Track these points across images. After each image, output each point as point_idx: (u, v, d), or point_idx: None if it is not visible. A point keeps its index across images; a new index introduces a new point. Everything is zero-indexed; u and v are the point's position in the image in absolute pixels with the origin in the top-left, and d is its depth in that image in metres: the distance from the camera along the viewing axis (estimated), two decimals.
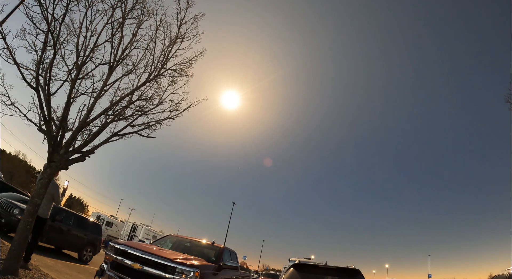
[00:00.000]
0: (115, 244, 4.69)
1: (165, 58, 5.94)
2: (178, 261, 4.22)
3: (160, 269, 4.15)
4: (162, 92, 6.15)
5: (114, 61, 5.49)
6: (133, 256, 4.39)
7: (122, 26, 5.42)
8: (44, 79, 4.74)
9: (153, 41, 5.86)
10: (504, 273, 6.31)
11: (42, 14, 4.43)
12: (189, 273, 4.08)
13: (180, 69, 6.21)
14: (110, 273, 4.41)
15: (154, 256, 4.29)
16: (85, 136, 5.34)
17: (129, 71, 5.77)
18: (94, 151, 5.40)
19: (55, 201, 5.97)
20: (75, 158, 5.17)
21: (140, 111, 5.91)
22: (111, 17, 5.26)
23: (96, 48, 5.23)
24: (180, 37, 6.04)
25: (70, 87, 4.99)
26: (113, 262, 4.53)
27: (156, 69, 5.89)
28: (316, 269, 4.37)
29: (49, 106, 4.79)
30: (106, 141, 5.52)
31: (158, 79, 6.00)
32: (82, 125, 5.15)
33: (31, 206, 4.62)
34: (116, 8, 5.28)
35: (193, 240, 6.53)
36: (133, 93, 5.76)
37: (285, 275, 4.18)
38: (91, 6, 5.04)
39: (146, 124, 5.98)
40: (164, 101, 6.15)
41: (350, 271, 4.15)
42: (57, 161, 4.86)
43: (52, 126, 4.87)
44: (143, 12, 5.65)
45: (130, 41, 5.65)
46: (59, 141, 4.97)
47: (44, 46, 4.63)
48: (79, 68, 5.05)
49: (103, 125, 5.45)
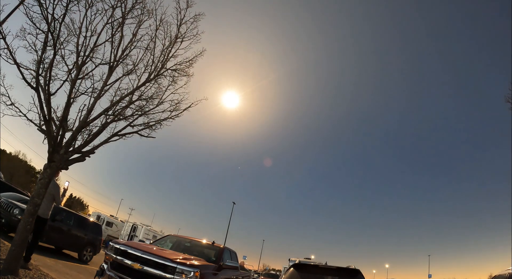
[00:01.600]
0: (115, 244, 4.69)
1: (165, 58, 5.94)
2: (178, 261, 4.22)
3: (160, 269, 4.15)
4: (162, 92, 6.16)
5: (114, 61, 5.49)
6: (133, 256, 4.39)
7: (122, 26, 5.42)
8: (44, 79, 4.73)
9: (153, 41, 5.86)
10: (504, 273, 6.31)
11: (42, 14, 4.43)
12: (189, 273, 4.08)
13: (180, 69, 6.22)
14: (110, 273, 4.41)
15: (154, 256, 4.29)
16: (85, 136, 5.34)
17: (129, 71, 5.77)
18: (94, 151, 5.40)
19: (56, 202, 5.98)
20: (75, 158, 5.17)
21: (140, 111, 5.91)
22: (111, 17, 5.25)
23: (96, 48, 5.22)
24: (180, 37, 6.04)
25: (70, 87, 4.99)
26: (113, 262, 4.54)
27: (156, 69, 5.88)
28: (316, 269, 4.37)
29: (49, 106, 4.79)
30: (106, 141, 5.52)
31: (158, 79, 6.01)
32: (82, 125, 5.15)
33: (31, 206, 4.62)
34: (116, 8, 5.28)
35: (193, 240, 6.53)
36: (133, 93, 5.76)
37: (285, 275, 4.18)
38: (91, 6, 5.04)
39: (146, 124, 5.98)
40: (164, 101, 6.15)
41: (350, 271, 4.15)
42: (57, 161, 4.86)
43: (52, 126, 4.87)
44: (143, 12, 5.65)
45: (130, 41, 5.65)
46: (59, 141, 4.97)
47: (44, 46, 4.63)
48: (79, 68, 5.05)
49: (103, 125, 5.45)
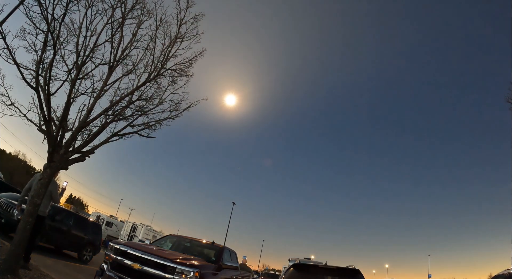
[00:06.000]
0: (115, 244, 4.69)
1: (165, 58, 5.93)
2: (178, 261, 4.22)
3: (160, 269, 4.15)
4: (162, 92, 6.16)
5: (114, 61, 5.49)
6: (133, 256, 4.39)
7: (122, 26, 5.42)
8: (44, 79, 4.73)
9: (153, 41, 5.86)
10: (504, 273, 6.32)
11: (42, 14, 4.42)
12: (189, 273, 4.09)
13: (180, 69, 6.21)
14: (110, 273, 4.41)
15: (154, 256, 4.29)
16: (85, 136, 5.34)
17: (129, 71, 5.77)
18: (94, 151, 5.40)
19: (53, 199, 5.91)
20: (75, 158, 5.18)
21: (140, 111, 5.91)
22: (111, 17, 5.25)
23: (96, 48, 5.22)
24: (180, 37, 6.03)
25: (70, 87, 4.99)
26: (113, 262, 4.54)
27: (156, 69, 5.88)
28: (316, 269, 4.36)
29: (49, 106, 4.79)
30: (106, 141, 5.52)
31: (158, 79, 6.00)
32: (82, 125, 5.15)
33: (31, 206, 4.62)
34: (116, 8, 5.28)
35: (193, 240, 6.53)
36: (133, 93, 5.76)
37: (285, 275, 4.18)
38: (91, 6, 5.04)
39: (146, 124, 5.98)
40: (164, 101, 6.16)
41: (350, 271, 4.14)
42: (57, 161, 4.86)
43: (52, 127, 4.87)
44: (143, 12, 5.65)
45: (130, 41, 5.65)
46: (59, 141, 4.97)
47: (44, 46, 4.63)
48: (79, 68, 5.05)
49: (103, 125, 5.45)
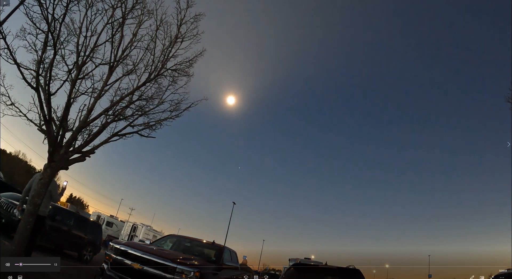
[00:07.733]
0: (115, 244, 4.70)
1: (165, 58, 5.93)
2: (178, 261, 4.23)
3: (160, 269, 4.15)
4: (162, 92, 6.17)
5: (114, 61, 5.49)
6: (133, 256, 4.40)
7: (122, 26, 5.42)
8: (44, 79, 4.74)
9: (153, 41, 5.86)
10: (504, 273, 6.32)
11: (42, 14, 4.42)
12: (189, 273, 4.09)
13: (180, 69, 6.21)
14: (110, 273, 4.42)
15: (154, 256, 4.29)
16: (85, 136, 5.35)
17: (129, 71, 5.77)
18: (94, 151, 5.41)
19: (53, 199, 5.88)
20: (75, 158, 5.18)
21: (140, 111, 5.91)
22: (111, 17, 5.25)
23: (96, 48, 5.22)
24: (180, 37, 6.03)
25: (70, 87, 4.99)
26: (113, 262, 4.54)
27: (156, 69, 5.88)
28: (316, 269, 4.37)
29: (49, 106, 4.79)
30: (106, 141, 5.52)
31: (158, 79, 6.01)
32: (82, 125, 5.15)
33: (31, 206, 4.62)
34: (116, 8, 5.28)
35: (194, 240, 6.53)
36: (133, 93, 5.76)
37: (285, 275, 4.18)
38: (91, 6, 5.04)
39: (146, 124, 5.99)
40: (165, 101, 6.16)
41: (350, 271, 4.15)
42: (57, 161, 4.86)
43: (52, 126, 4.87)
44: (143, 12, 5.65)
45: (130, 41, 5.65)
46: (59, 141, 4.97)
47: (44, 46, 4.63)
48: (79, 68, 5.05)
49: (103, 125, 5.46)
